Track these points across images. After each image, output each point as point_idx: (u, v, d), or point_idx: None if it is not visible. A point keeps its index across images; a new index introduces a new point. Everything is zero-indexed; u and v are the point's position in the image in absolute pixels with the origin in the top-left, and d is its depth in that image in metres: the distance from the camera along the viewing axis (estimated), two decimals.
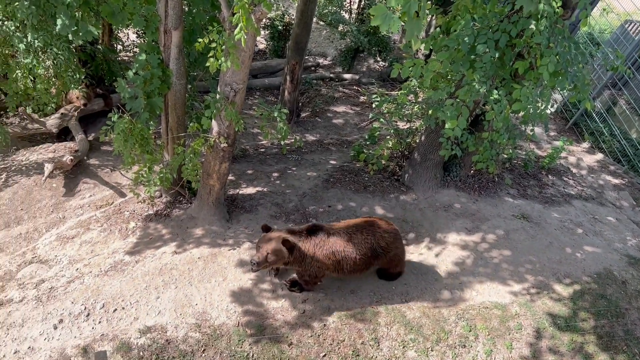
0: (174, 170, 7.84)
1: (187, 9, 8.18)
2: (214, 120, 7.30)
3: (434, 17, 9.02)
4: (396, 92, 13.39)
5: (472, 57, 6.51)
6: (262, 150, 11.66)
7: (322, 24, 19.19)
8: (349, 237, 7.06)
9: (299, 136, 12.49)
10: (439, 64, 6.62)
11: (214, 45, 6.00)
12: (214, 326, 6.76)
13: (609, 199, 11.45)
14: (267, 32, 17.11)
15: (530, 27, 6.14)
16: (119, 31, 13.51)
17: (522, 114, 6.76)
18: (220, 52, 5.99)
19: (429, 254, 8.68)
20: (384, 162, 10.70)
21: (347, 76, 16.90)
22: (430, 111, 8.34)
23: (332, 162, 11.21)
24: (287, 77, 12.72)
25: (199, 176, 7.88)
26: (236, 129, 7.34)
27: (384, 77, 17.10)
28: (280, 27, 16.71)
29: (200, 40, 6.01)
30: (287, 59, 12.74)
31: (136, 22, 6.80)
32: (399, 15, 4.43)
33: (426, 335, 7.12)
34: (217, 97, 7.01)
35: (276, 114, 7.52)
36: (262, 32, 17.01)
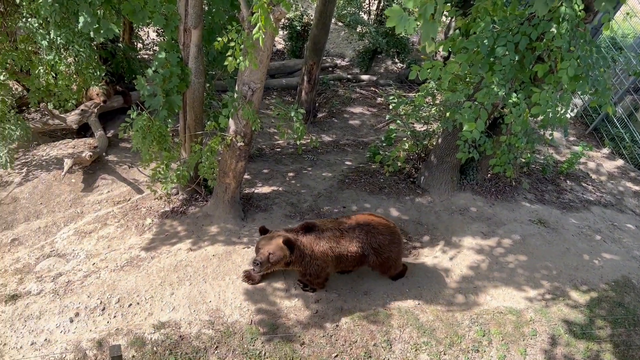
0: (190, 167, 7.90)
1: (207, 8, 8.24)
2: (231, 119, 7.35)
3: (454, 19, 8.96)
4: (414, 94, 13.33)
5: (492, 59, 6.45)
6: (278, 149, 11.70)
7: (340, 24, 19.18)
8: (341, 233, 7.06)
9: (315, 136, 12.49)
10: (457, 66, 6.58)
11: (232, 44, 6.05)
12: (227, 323, 6.80)
13: (628, 206, 11.26)
14: (286, 32, 17.16)
15: (551, 30, 6.07)
16: (140, 29, 13.66)
17: (541, 117, 6.68)
18: (238, 51, 6.03)
19: (444, 257, 8.62)
20: (400, 164, 10.66)
21: (364, 77, 16.86)
22: (447, 113, 8.29)
23: (347, 163, 11.21)
24: (305, 78, 12.74)
25: (215, 174, 7.93)
26: (253, 128, 7.37)
27: (402, 79, 17.02)
28: (298, 28, 16.74)
29: (219, 39, 6.06)
30: (304, 60, 12.76)
31: (156, 21, 6.88)
32: (415, 17, 4.41)
33: (439, 338, 7.08)
34: (235, 96, 7.05)
35: (293, 114, 7.54)
36: (281, 32, 17.06)
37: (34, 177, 9.68)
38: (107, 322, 6.66)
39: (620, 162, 13.25)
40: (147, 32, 14.75)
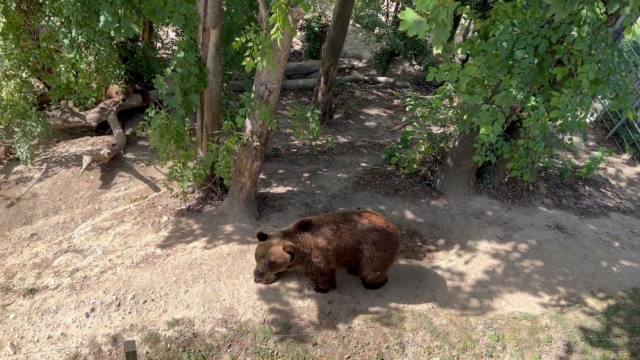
0: (207, 166, 7.96)
1: (226, 8, 8.29)
2: (247, 118, 7.38)
3: (473, 21, 8.90)
4: (431, 97, 13.27)
5: (510, 62, 6.40)
6: (293, 150, 11.72)
7: (358, 26, 19.16)
8: (338, 226, 6.98)
9: (330, 137, 12.50)
10: (475, 69, 6.54)
11: (250, 44, 6.08)
12: (240, 322, 6.83)
13: None
14: (303, 33, 17.19)
15: (571, 33, 6.00)
16: (159, 29, 13.79)
17: (560, 122, 6.61)
18: (256, 51, 6.05)
19: (459, 261, 8.56)
20: (415, 166, 10.61)
21: (381, 79, 16.82)
22: (465, 116, 8.24)
23: (363, 164, 11.19)
24: (322, 79, 12.76)
25: (231, 173, 7.98)
26: (269, 128, 7.40)
27: (419, 81, 16.95)
28: (316, 29, 16.76)
29: (237, 39, 6.10)
30: (322, 61, 12.77)
31: (176, 20, 6.94)
32: (427, 20, 4.41)
33: (452, 342, 7.03)
34: (252, 96, 7.09)
35: (309, 115, 7.55)
36: (298, 33, 17.10)
37: (54, 174, 9.83)
38: (122, 318, 6.73)
39: None
40: (167, 31, 14.90)
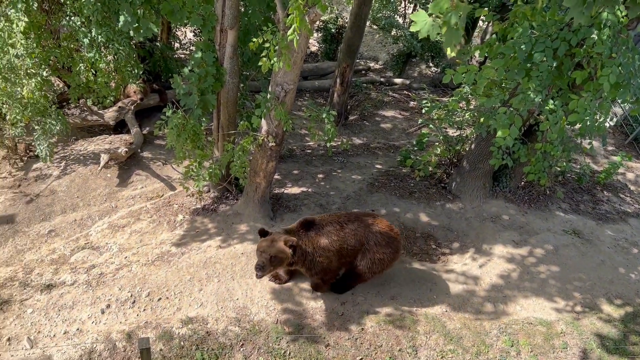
0: (222, 166, 8.01)
1: (243, 9, 8.34)
2: (263, 119, 7.41)
3: (491, 23, 8.84)
4: (447, 99, 13.19)
5: (529, 65, 6.34)
6: (308, 151, 11.74)
7: (375, 27, 19.14)
8: (341, 226, 6.92)
9: (345, 139, 12.50)
10: (493, 71, 6.49)
11: (267, 45, 6.11)
12: (253, 321, 6.85)
13: None
14: (320, 34, 17.23)
15: (592, 36, 5.92)
16: (177, 29, 13.93)
17: (578, 126, 6.53)
18: (273, 52, 6.08)
19: (474, 264, 8.50)
20: (431, 168, 10.55)
21: (397, 81, 16.78)
22: (482, 119, 8.18)
23: (377, 166, 11.16)
24: (338, 80, 12.77)
25: (246, 173, 8.02)
26: (284, 129, 7.42)
27: (436, 83, 16.88)
28: (333, 30, 16.79)
29: (254, 40, 6.13)
30: (338, 62, 12.79)
31: (194, 21, 7.01)
32: (440, 23, 4.38)
33: (466, 347, 6.98)
34: (268, 96, 7.12)
35: (324, 116, 7.56)
36: (315, 34, 17.14)
37: (72, 171, 9.97)
38: (137, 315, 6.79)
39: None
40: (185, 32, 15.04)
